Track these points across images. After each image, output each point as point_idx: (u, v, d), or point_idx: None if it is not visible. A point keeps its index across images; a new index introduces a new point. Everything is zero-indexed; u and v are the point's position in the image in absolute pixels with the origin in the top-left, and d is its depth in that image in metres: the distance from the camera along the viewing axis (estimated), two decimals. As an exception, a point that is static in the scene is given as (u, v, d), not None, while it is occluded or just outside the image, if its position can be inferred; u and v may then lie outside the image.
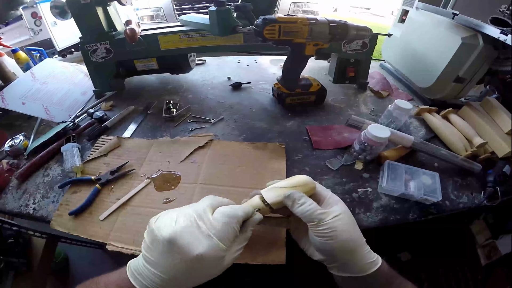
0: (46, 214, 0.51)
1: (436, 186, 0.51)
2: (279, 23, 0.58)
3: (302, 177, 0.38)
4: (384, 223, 0.48)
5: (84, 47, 0.75)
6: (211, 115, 0.73)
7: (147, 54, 0.80)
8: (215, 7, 0.62)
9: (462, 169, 0.57)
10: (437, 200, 0.49)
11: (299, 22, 0.59)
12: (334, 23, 0.62)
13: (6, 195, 0.55)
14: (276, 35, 0.59)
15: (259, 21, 0.58)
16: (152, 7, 2.32)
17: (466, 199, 0.53)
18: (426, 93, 0.81)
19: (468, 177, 0.57)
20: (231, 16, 0.63)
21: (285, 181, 0.38)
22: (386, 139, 0.53)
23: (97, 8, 0.70)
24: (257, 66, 1.04)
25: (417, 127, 0.72)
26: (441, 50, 0.72)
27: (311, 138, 0.64)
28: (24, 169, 0.58)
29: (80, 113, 0.77)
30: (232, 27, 0.64)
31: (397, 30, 0.92)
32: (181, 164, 0.58)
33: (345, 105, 0.79)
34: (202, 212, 0.31)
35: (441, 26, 0.74)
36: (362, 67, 0.83)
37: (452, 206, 0.52)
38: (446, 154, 0.58)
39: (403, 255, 0.88)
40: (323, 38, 0.63)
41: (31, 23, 1.70)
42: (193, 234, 0.29)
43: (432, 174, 0.53)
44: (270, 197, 0.36)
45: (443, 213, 0.51)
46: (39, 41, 1.82)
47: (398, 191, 0.50)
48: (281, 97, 0.76)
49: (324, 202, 0.36)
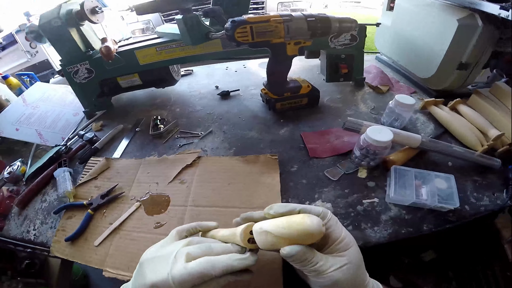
0: (46, 240, 0.51)
1: (453, 190, 0.45)
2: (250, 24, 0.54)
3: (307, 225, 0.27)
4: (394, 238, 0.43)
5: (65, 69, 0.73)
6: (200, 129, 0.69)
7: (128, 70, 0.77)
8: (181, 14, 0.59)
9: (479, 166, 0.52)
10: (454, 207, 0.43)
11: (272, 20, 0.55)
12: (312, 17, 0.58)
13: (9, 221, 0.56)
14: (249, 37, 0.55)
15: (228, 25, 0.54)
16: (141, 20, 2.36)
17: (487, 200, 0.48)
18: (429, 84, 0.76)
19: (488, 174, 0.51)
20: (200, 23, 0.60)
21: (282, 223, 0.29)
22: (389, 142, 0.48)
23: (70, 30, 0.68)
24: (246, 71, 1.00)
25: (424, 122, 0.66)
26: (438, 35, 0.67)
27: (306, 146, 0.58)
28: (23, 195, 0.59)
29: (72, 135, 0.76)
30: (205, 34, 0.61)
31: (387, 19, 0.86)
32: (169, 185, 0.56)
33: (342, 105, 0.73)
34: (178, 256, 0.30)
35: (433, 8, 0.68)
36: (356, 62, 0.77)
37: (472, 210, 0.46)
38: (460, 150, 0.52)
39: (427, 254, 0.82)
40: (303, 35, 0.59)
41: (26, 46, 1.71)
42: (158, 265, 0.30)
43: (446, 177, 0.47)
44: (261, 242, 0.30)
45: (464, 220, 0.45)
46: (37, 62, 1.83)
47: (408, 200, 0.45)
48: (270, 103, 0.71)
49: (333, 245, 0.30)
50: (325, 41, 0.73)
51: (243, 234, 0.31)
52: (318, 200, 0.47)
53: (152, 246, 0.34)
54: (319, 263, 0.28)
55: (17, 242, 0.53)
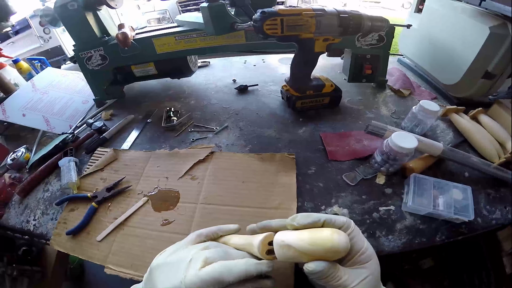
0: (46, 232, 0.50)
1: (469, 202, 0.46)
2: (281, 16, 0.53)
3: (335, 243, 0.26)
4: (408, 247, 0.44)
5: (78, 55, 0.73)
6: (215, 123, 0.69)
7: (143, 58, 0.77)
8: (207, 2, 0.57)
9: (495, 179, 0.52)
10: (468, 219, 0.44)
11: (304, 14, 0.54)
12: (345, 13, 0.57)
13: (10, 210, 0.55)
14: (278, 30, 0.54)
15: (257, 16, 0.53)
16: (158, 10, 2.37)
17: (499, 214, 0.48)
18: (451, 91, 0.75)
19: (502, 188, 0.52)
20: (226, 12, 0.59)
21: (307, 238, 0.28)
22: (413, 149, 0.48)
23: (87, 14, 0.68)
24: (265, 66, 0.99)
25: (444, 130, 0.66)
26: (467, 42, 0.66)
27: (325, 148, 0.59)
28: (25, 184, 0.58)
29: (80, 123, 0.76)
30: (230, 25, 0.59)
31: (414, 21, 0.85)
32: (180, 180, 0.55)
33: (363, 107, 0.73)
34: (193, 262, 0.28)
35: (464, 14, 0.67)
36: (380, 64, 0.77)
37: (484, 223, 0.47)
38: (478, 162, 0.52)
39: (425, 262, 0.85)
40: (334, 32, 0.58)
41: (40, 31, 1.71)
42: (170, 272, 0.29)
43: (464, 188, 0.48)
44: (281, 256, 0.29)
45: (475, 233, 0.46)
46: (50, 48, 1.85)
47: (425, 210, 0.46)
48: (290, 101, 0.71)
49: (356, 257, 0.29)
50: (351, 40, 0.72)
51: (262, 245, 0.30)
52: (334, 205, 0.48)
53: (164, 250, 0.33)
54: (343, 278, 0.27)
55: (16, 232, 0.52)
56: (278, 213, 0.47)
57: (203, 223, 0.48)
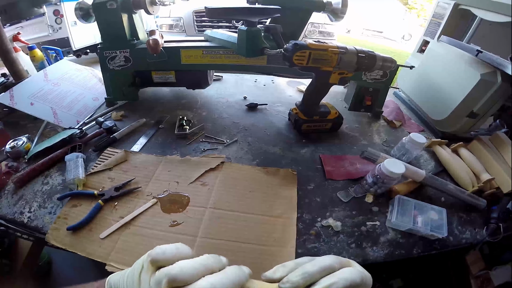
0: (42, 225, 0.51)
1: (443, 222, 0.57)
2: (310, 50, 0.60)
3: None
4: (389, 258, 0.53)
5: (102, 53, 0.77)
6: (225, 136, 0.77)
7: (167, 66, 0.82)
8: (246, 26, 0.64)
9: (467, 204, 0.62)
10: (442, 236, 0.54)
11: (330, 50, 0.62)
12: (363, 53, 0.64)
13: (1, 198, 0.55)
14: (305, 62, 0.61)
15: (289, 46, 0.60)
16: (173, 17, 2.38)
17: (469, 234, 0.58)
18: (438, 126, 0.87)
19: (473, 212, 0.62)
20: (260, 38, 0.66)
21: None
22: (401, 174, 0.59)
23: (123, 15, 0.73)
24: (274, 87, 1.08)
25: (426, 160, 0.78)
26: (459, 84, 0.78)
27: (324, 168, 0.69)
28: (23, 174, 0.58)
29: (88, 120, 0.79)
30: (260, 49, 0.66)
31: (415, 60, 0.98)
32: (190, 185, 0.60)
33: (358, 134, 0.85)
34: None
35: (461, 60, 0.79)
36: (380, 97, 0.88)
37: (455, 241, 0.57)
38: (453, 189, 0.63)
39: (394, 282, 0.91)
40: (350, 68, 0.66)
41: (52, 20, 1.78)
42: None
43: (439, 210, 0.59)
44: None
45: (446, 249, 0.56)
46: (57, 39, 1.91)
47: (406, 226, 0.56)
48: (298, 123, 0.79)
49: None
50: (359, 73, 0.80)
51: None
52: (329, 218, 0.58)
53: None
54: None
55: (8, 222, 0.51)
56: (280, 221, 0.55)
57: (211, 225, 0.53)
